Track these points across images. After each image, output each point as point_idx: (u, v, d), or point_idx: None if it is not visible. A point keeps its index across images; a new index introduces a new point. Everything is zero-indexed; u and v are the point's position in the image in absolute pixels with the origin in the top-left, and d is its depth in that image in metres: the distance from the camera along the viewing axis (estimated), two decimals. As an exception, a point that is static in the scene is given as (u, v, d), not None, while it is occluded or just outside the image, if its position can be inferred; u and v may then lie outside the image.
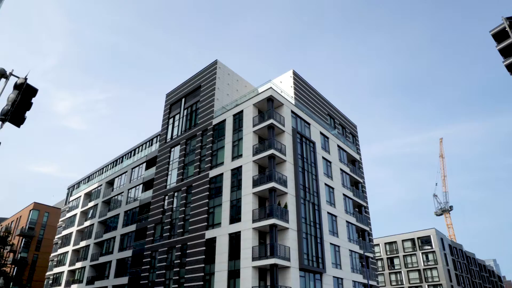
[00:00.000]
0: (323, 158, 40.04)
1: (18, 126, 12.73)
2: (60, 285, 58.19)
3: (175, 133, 45.19)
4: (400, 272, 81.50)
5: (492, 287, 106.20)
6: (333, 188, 39.73)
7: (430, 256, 78.28)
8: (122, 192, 52.52)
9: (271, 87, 35.08)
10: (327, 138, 42.58)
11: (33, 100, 12.80)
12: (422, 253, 79.40)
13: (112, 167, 61.67)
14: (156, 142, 50.61)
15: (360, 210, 45.72)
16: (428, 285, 76.29)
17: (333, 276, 34.51)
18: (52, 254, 68.45)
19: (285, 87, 44.04)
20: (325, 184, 38.56)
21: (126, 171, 53.95)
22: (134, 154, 56.62)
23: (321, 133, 41.49)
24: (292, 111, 37.31)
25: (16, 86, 12.62)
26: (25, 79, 12.74)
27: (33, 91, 12.81)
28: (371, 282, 41.18)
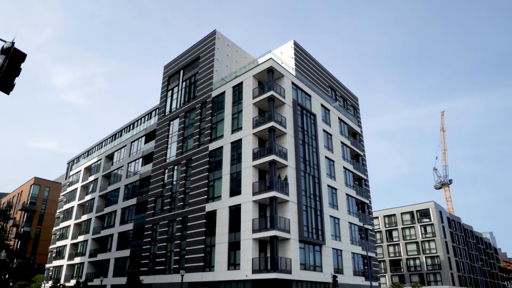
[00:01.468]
0: (324, 130, 39.55)
1: (7, 93, 12.16)
2: (63, 258, 59.05)
3: (174, 106, 44.50)
4: (398, 244, 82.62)
5: (488, 259, 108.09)
6: (333, 161, 39.47)
7: (428, 229, 79.12)
8: (122, 166, 52.37)
9: (271, 58, 34.13)
10: (328, 110, 41.94)
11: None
12: (420, 225, 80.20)
13: (111, 141, 61.30)
14: (155, 115, 49.99)
15: (360, 183, 45.65)
16: (425, 257, 77.50)
17: (333, 248, 34.79)
18: (54, 228, 69.23)
19: (285, 58, 42.98)
20: (326, 157, 38.25)
21: (126, 145, 53.61)
22: (133, 128, 56.12)
23: (322, 105, 40.81)
24: (292, 83, 36.50)
25: (3, 51, 11.98)
26: (12, 43, 12.05)
27: (21, 56, 12.16)
28: (369, 254, 41.59)
